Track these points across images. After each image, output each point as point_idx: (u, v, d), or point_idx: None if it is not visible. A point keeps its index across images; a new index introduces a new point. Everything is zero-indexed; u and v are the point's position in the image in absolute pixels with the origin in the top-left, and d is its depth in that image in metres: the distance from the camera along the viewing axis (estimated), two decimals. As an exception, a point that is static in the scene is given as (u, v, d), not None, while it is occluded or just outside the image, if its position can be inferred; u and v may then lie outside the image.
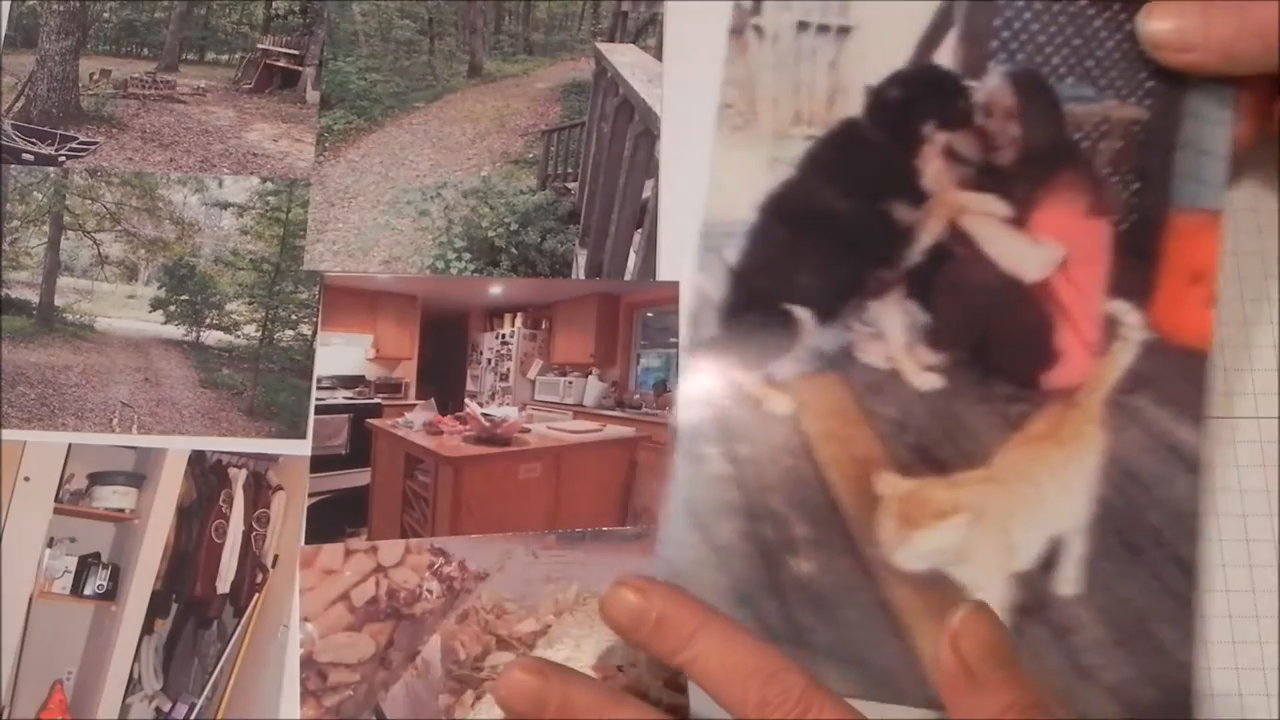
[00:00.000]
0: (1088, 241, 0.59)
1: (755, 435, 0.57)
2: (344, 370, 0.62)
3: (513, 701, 0.50)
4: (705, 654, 0.49)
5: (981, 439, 0.57)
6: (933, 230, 0.59)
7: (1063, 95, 0.60)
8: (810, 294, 0.59)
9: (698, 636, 0.50)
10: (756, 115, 0.61)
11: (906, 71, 0.61)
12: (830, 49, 0.62)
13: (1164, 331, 0.58)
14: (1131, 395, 0.57)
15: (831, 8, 0.62)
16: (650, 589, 0.51)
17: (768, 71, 0.62)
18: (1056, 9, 0.61)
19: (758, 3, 0.63)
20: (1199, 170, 0.59)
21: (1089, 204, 0.60)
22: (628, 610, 0.51)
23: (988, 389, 0.58)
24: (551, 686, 0.50)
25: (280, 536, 0.59)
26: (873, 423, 0.53)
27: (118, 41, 0.69)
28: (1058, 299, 0.59)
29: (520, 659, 0.53)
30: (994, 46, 0.61)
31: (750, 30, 0.63)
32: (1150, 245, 0.59)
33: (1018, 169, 0.60)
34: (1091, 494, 0.56)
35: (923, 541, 0.56)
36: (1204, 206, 0.59)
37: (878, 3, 0.62)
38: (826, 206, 0.60)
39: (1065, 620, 0.54)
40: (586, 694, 0.50)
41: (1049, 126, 0.60)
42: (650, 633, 0.51)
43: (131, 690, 0.57)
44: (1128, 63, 0.60)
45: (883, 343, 0.59)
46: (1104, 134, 0.60)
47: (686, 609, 0.51)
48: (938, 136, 0.60)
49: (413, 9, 0.70)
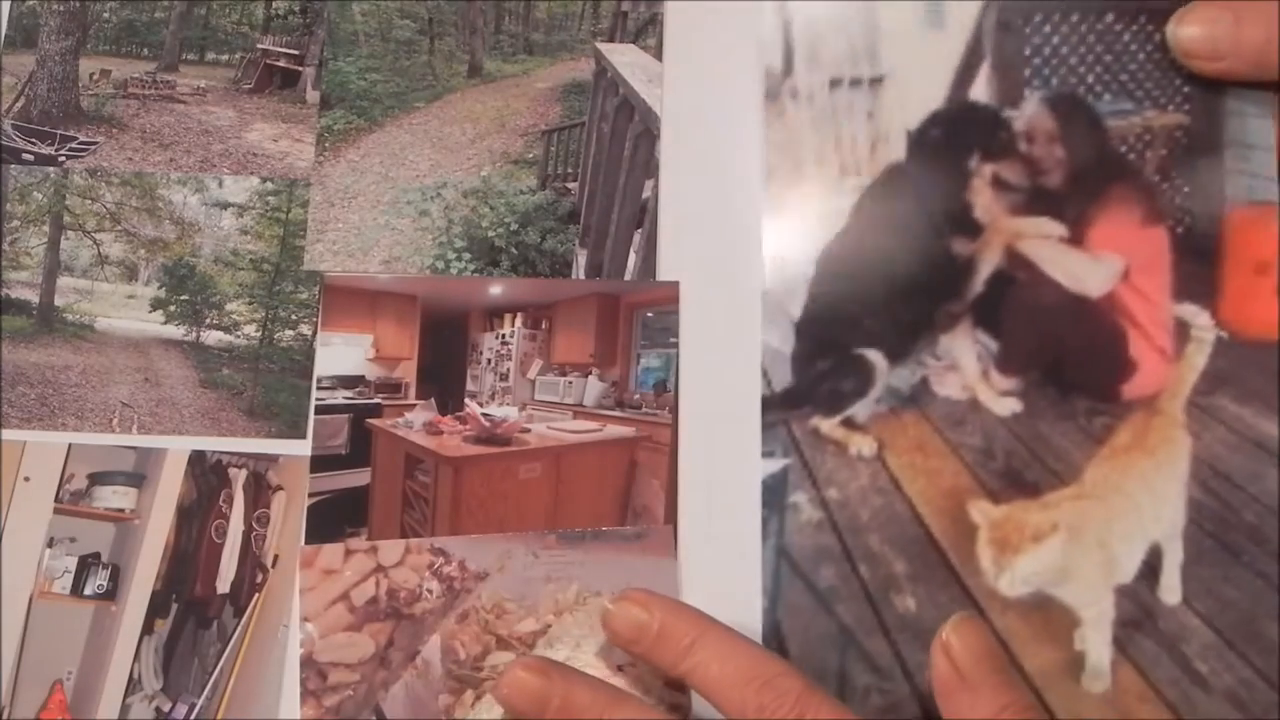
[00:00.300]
0: (1147, 250, 0.60)
1: (842, 478, 0.58)
2: (344, 370, 0.62)
3: (514, 700, 0.51)
4: (705, 663, 0.50)
5: (1068, 457, 0.58)
6: (991, 259, 0.60)
7: (1102, 112, 0.61)
8: (879, 336, 0.60)
9: (697, 646, 0.50)
10: (802, 174, 0.62)
11: (944, 111, 0.62)
12: (866, 100, 0.62)
13: (1235, 328, 0.58)
14: (1212, 396, 0.58)
15: (861, 60, 0.63)
16: (652, 602, 0.52)
17: (807, 131, 0.63)
18: (1084, 29, 0.62)
19: (788, 65, 0.63)
20: (1248, 165, 0.60)
21: (1143, 213, 0.60)
22: (631, 623, 0.52)
23: (1068, 406, 0.59)
24: (553, 685, 0.50)
25: (280, 536, 0.59)
26: (958, 453, 0.54)
27: (118, 41, 0.69)
28: (1126, 310, 0.59)
29: (522, 658, 0.54)
30: (1027, 74, 0.62)
31: (785, 94, 0.63)
32: (1210, 245, 0.60)
33: (1067, 189, 0.61)
34: (1184, 499, 0.57)
35: (1023, 565, 0.56)
36: (1259, 199, 0.60)
37: (906, 48, 0.62)
38: (883, 250, 0.61)
39: (1173, 629, 0.54)
40: (588, 693, 0.51)
41: (1092, 144, 0.61)
42: (652, 644, 0.51)
43: (131, 690, 0.57)
44: (1161, 72, 0.61)
45: (957, 374, 0.60)
46: (1148, 143, 0.61)
47: (686, 620, 0.51)
48: (984, 168, 0.61)
49: (413, 9, 0.70)
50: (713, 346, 0.62)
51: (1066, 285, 0.60)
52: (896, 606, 0.56)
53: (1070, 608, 0.55)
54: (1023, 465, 0.58)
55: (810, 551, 0.57)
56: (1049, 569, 0.56)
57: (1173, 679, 0.54)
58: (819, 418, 0.60)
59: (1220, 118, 0.61)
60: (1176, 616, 0.55)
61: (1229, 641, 0.54)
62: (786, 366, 0.61)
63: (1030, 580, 0.56)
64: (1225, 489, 0.57)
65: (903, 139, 0.61)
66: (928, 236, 0.61)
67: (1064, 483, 0.58)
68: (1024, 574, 0.56)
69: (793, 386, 0.60)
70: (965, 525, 0.57)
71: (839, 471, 0.58)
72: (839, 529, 0.58)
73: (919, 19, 0.62)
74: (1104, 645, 0.55)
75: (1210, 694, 0.54)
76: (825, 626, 0.56)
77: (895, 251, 0.61)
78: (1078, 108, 0.61)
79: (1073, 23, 0.62)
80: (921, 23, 0.62)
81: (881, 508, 0.58)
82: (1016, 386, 0.59)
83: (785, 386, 0.60)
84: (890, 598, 0.56)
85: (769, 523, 0.58)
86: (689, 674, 0.51)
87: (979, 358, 0.60)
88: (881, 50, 0.62)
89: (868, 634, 0.55)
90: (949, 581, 0.52)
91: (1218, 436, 0.57)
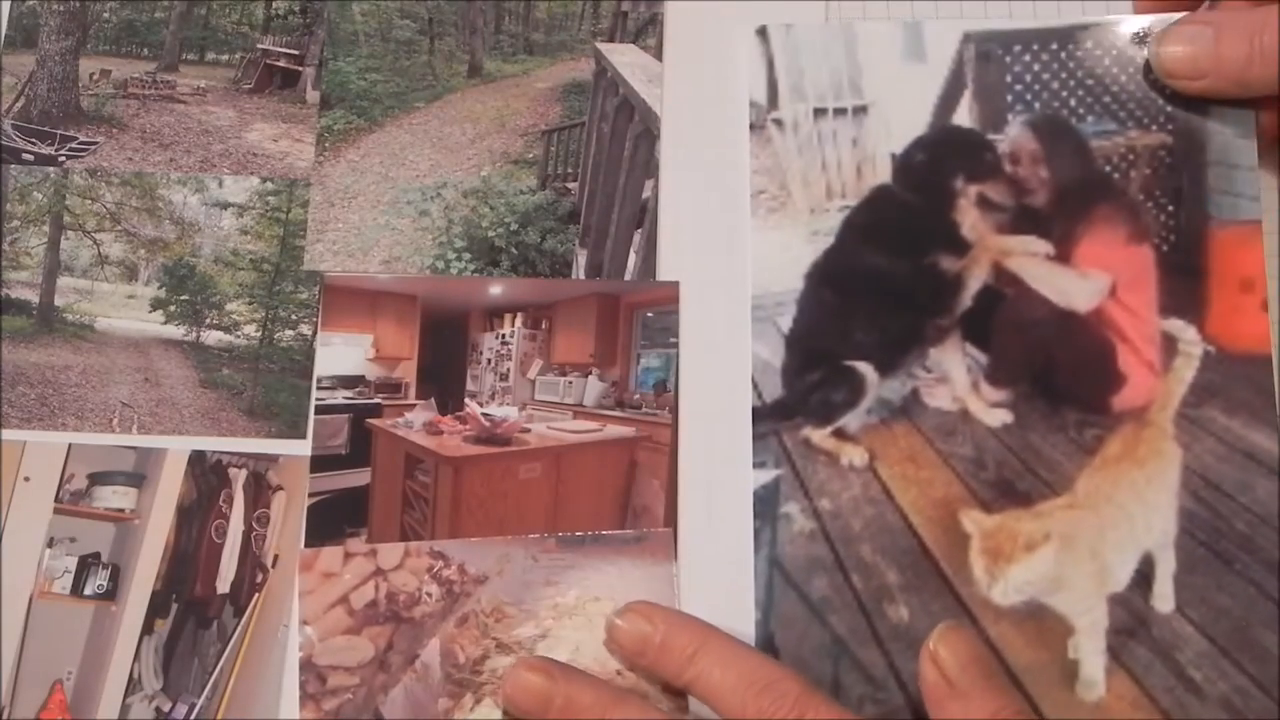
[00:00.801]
0: (1133, 267, 0.60)
1: (834, 489, 0.59)
2: (344, 370, 0.62)
3: (518, 699, 0.51)
4: (707, 671, 0.51)
5: (1060, 467, 0.58)
6: (979, 274, 0.61)
7: (1087, 133, 0.62)
8: (868, 348, 0.61)
9: (699, 655, 0.51)
10: (790, 196, 0.63)
11: (928, 135, 0.63)
12: (850, 128, 0.63)
13: (1222, 342, 0.59)
14: (1200, 408, 0.58)
15: (844, 91, 0.63)
16: (655, 614, 0.53)
17: (793, 157, 0.63)
18: (1064, 56, 0.63)
19: (773, 97, 0.64)
20: (1232, 184, 0.61)
21: (1128, 231, 0.61)
22: (635, 636, 0.53)
23: (1058, 418, 0.59)
24: (556, 685, 0.51)
25: (280, 536, 0.59)
26: (949, 464, 0.54)
27: (118, 41, 0.69)
28: (1114, 324, 0.60)
29: (525, 658, 0.54)
30: (1010, 99, 0.63)
31: (770, 124, 0.64)
32: (1196, 262, 0.60)
33: (1053, 208, 0.61)
34: (1175, 508, 0.57)
35: (1016, 574, 0.56)
36: (1243, 218, 0.60)
37: (888, 79, 0.63)
38: (870, 266, 0.61)
39: (1167, 637, 0.55)
40: (590, 693, 0.51)
41: (1077, 164, 0.62)
42: (656, 656, 0.52)
43: (131, 690, 0.57)
44: (1143, 93, 0.62)
45: (948, 385, 0.60)
46: (1132, 163, 0.61)
47: (688, 631, 0.52)
48: (969, 189, 0.61)
49: (413, 9, 0.69)
50: (712, 347, 0.62)
51: (1054, 301, 0.60)
52: (890, 616, 0.56)
53: (1064, 616, 0.56)
54: (1014, 475, 0.58)
55: (803, 562, 0.57)
56: (1042, 578, 0.56)
57: (1167, 686, 0.54)
58: (810, 428, 0.60)
59: (1203, 138, 0.62)
60: (1170, 624, 0.55)
61: (1222, 649, 0.55)
62: (777, 378, 0.61)
63: (1023, 589, 0.56)
64: (1216, 498, 0.57)
65: (888, 162, 0.62)
66: (915, 253, 0.61)
67: (1056, 493, 0.58)
68: (1017, 583, 0.56)
69: (783, 397, 0.61)
70: (957, 535, 0.57)
71: (831, 482, 0.59)
72: (831, 539, 0.58)
73: (900, 52, 0.63)
74: (1098, 653, 0.55)
75: (1204, 701, 0.54)
76: (819, 637, 0.56)
77: (883, 267, 0.61)
78: (1061, 129, 0.62)
79: (1052, 50, 0.63)
80: (902, 55, 0.63)
81: (874, 518, 0.58)
82: (1006, 398, 0.59)
83: (776, 397, 0.61)
84: (883, 608, 0.56)
85: (761, 533, 0.58)
86: (691, 683, 0.51)
87: (969, 370, 0.60)
88: (864, 82, 0.63)
89: (861, 644, 0.56)
90: (942, 591, 0.52)
91: (1207, 447, 0.58)
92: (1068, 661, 0.55)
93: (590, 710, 0.51)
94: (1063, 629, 0.55)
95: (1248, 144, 0.60)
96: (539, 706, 0.51)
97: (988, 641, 0.55)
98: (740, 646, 0.52)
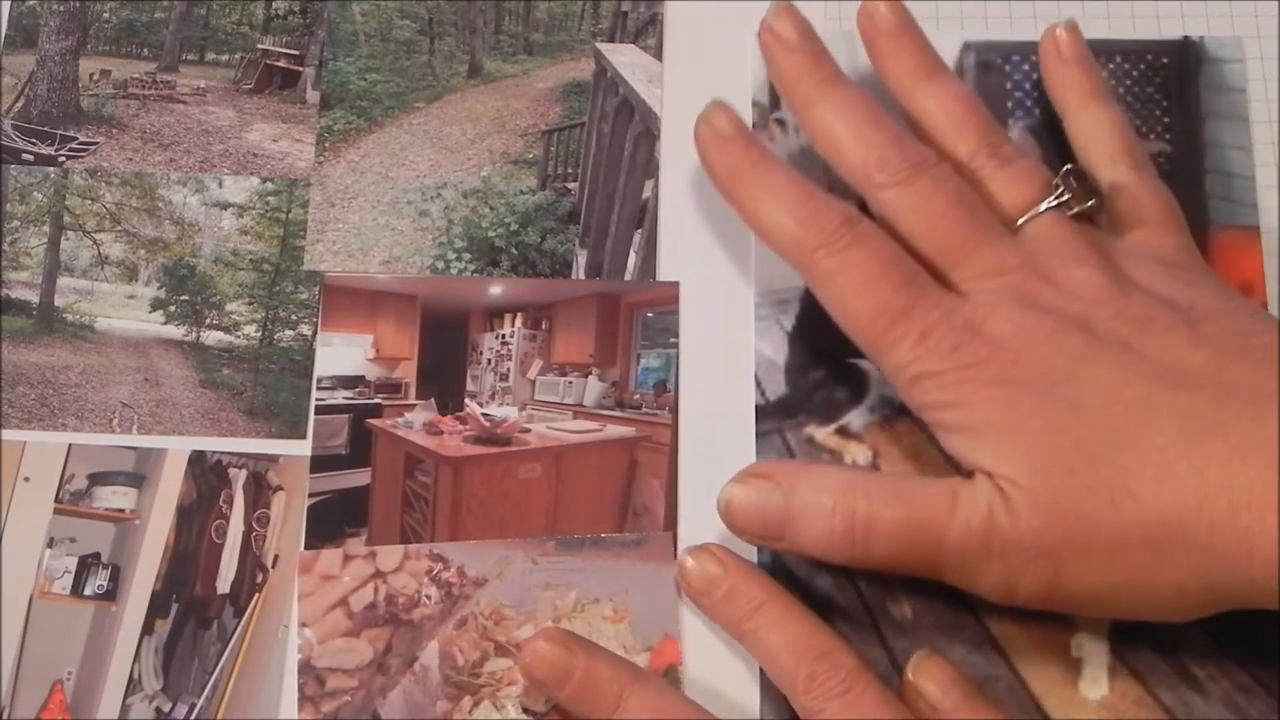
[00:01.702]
0: None
1: None
2: (344, 370, 0.62)
3: (536, 671, 0.51)
4: (766, 627, 0.51)
5: None
6: None
7: None
8: None
9: (762, 611, 0.51)
10: None
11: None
12: None
13: None
14: None
15: None
16: (728, 559, 0.53)
17: (796, 157, 0.64)
18: None
19: (775, 97, 0.64)
20: (1230, 191, 0.62)
21: None
22: (705, 576, 0.53)
23: None
24: (575, 659, 0.51)
25: (280, 537, 0.59)
26: (952, 461, 0.53)
27: (118, 41, 0.69)
28: None
29: (546, 629, 0.54)
30: (1010, 106, 0.64)
31: (772, 124, 0.65)
32: None
33: None
34: None
35: None
36: (1241, 224, 0.61)
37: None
38: None
39: (1171, 635, 0.54)
40: (610, 668, 0.51)
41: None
42: (720, 601, 0.52)
43: (131, 690, 0.57)
44: (1141, 104, 0.63)
45: None
46: None
47: (756, 584, 0.52)
48: None
49: (413, 9, 0.69)
50: (713, 347, 0.62)
51: None
52: (893, 615, 0.56)
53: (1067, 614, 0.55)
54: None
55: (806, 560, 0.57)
56: None
57: (1170, 685, 0.54)
58: (814, 426, 0.60)
59: (1200, 148, 0.62)
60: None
61: (1226, 647, 0.54)
62: (780, 376, 0.61)
63: None
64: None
65: None
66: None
67: None
68: None
69: (787, 395, 0.61)
70: None
71: (835, 479, 0.58)
72: None
73: None
74: (1101, 651, 0.55)
75: (1208, 699, 0.54)
76: None
77: None
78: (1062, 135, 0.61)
79: None
80: None
81: None
82: None
83: (779, 395, 0.61)
84: (887, 606, 0.56)
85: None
86: (748, 635, 0.52)
87: None
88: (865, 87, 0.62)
89: (864, 643, 0.55)
90: (944, 587, 0.52)
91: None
92: (1071, 660, 0.55)
93: (609, 685, 0.50)
94: (1066, 627, 0.55)
95: (1244, 154, 0.61)
96: (557, 679, 0.51)
97: (991, 640, 0.55)
98: (804, 610, 0.52)
